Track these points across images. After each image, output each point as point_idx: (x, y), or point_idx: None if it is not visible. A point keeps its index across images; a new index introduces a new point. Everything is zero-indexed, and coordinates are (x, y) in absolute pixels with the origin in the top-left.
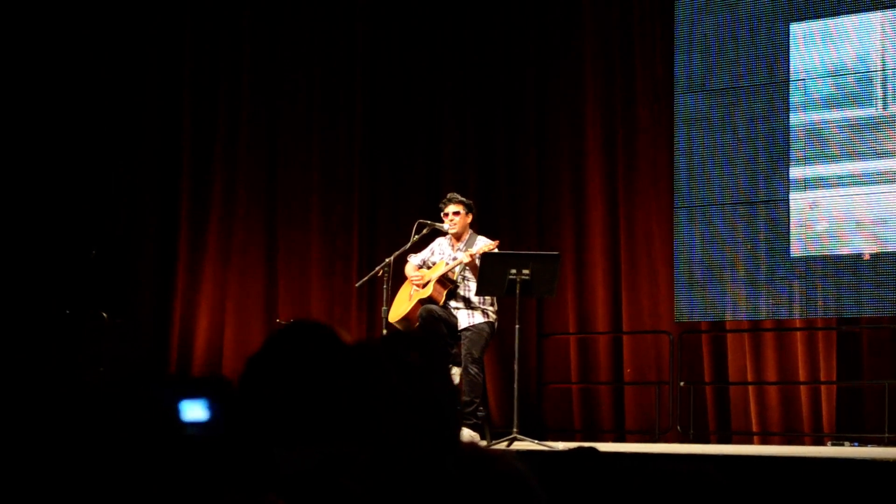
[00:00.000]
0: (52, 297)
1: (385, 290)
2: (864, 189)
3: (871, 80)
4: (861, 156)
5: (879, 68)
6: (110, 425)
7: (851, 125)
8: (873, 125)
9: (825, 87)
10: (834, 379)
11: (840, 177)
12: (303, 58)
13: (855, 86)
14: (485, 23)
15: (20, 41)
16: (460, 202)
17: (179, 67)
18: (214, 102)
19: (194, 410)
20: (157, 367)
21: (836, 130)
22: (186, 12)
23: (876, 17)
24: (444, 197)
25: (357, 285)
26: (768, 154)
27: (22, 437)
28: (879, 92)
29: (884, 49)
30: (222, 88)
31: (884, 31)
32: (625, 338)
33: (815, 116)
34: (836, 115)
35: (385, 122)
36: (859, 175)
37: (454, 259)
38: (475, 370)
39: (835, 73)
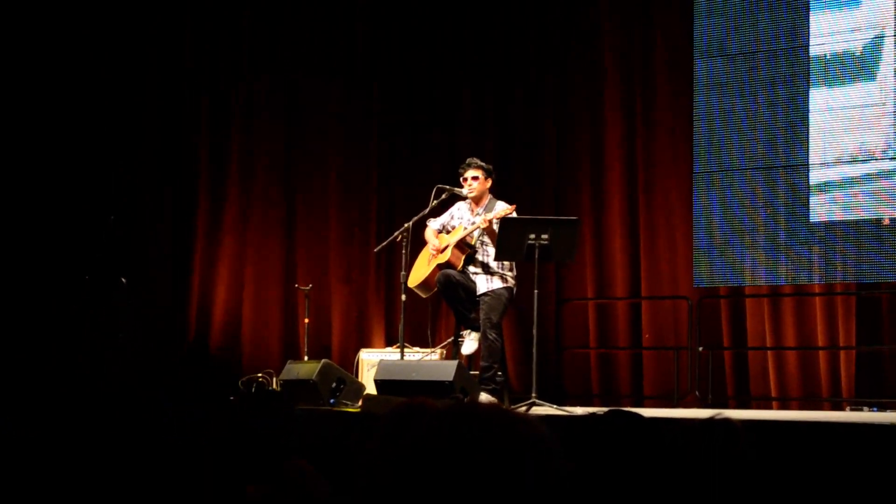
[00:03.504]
0: (71, 262)
1: (404, 255)
2: (885, 153)
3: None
4: (880, 121)
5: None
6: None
7: (869, 92)
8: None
9: (843, 53)
10: (853, 344)
11: (861, 142)
12: (321, 24)
13: (871, 51)
14: None
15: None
16: (479, 167)
17: (198, 43)
18: (233, 72)
19: None
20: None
21: (854, 97)
22: None
23: None
24: (464, 162)
25: (375, 251)
26: (788, 119)
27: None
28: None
29: None
30: (241, 58)
31: None
32: (643, 303)
33: (835, 82)
34: (854, 81)
35: (403, 88)
36: (880, 141)
37: (472, 224)
38: (493, 335)
39: (852, 40)
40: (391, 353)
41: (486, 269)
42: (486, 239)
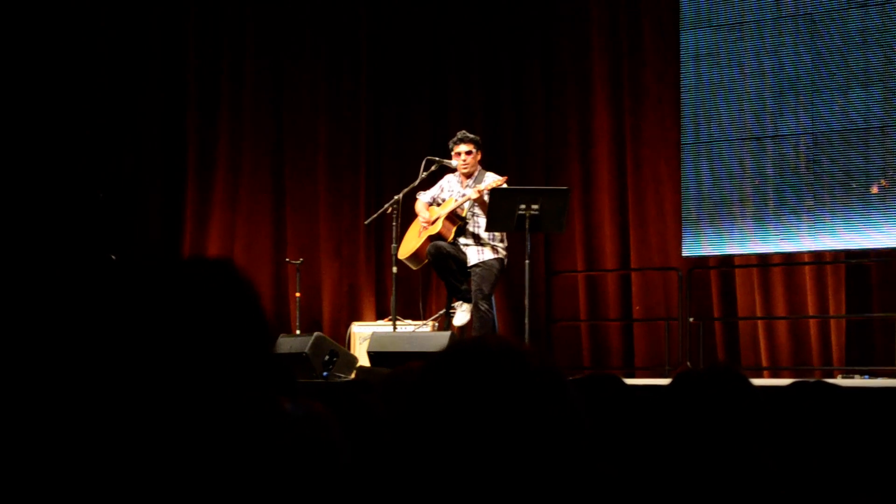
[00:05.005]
0: (60, 239)
1: (394, 228)
2: (872, 123)
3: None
4: (869, 92)
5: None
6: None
7: (858, 61)
8: (883, 60)
9: (833, 22)
10: (843, 312)
11: (846, 112)
12: (306, 1)
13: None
14: None
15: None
16: (471, 141)
17: (184, 17)
18: (220, 47)
19: None
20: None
21: (842, 66)
22: None
23: None
24: (454, 136)
25: (366, 223)
26: (776, 89)
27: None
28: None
29: None
30: (227, 34)
31: None
32: (633, 275)
33: (822, 51)
34: (843, 50)
35: (390, 61)
36: (866, 110)
37: (463, 195)
38: (486, 307)
39: (840, 8)
40: (383, 326)
41: (477, 240)
42: (477, 210)
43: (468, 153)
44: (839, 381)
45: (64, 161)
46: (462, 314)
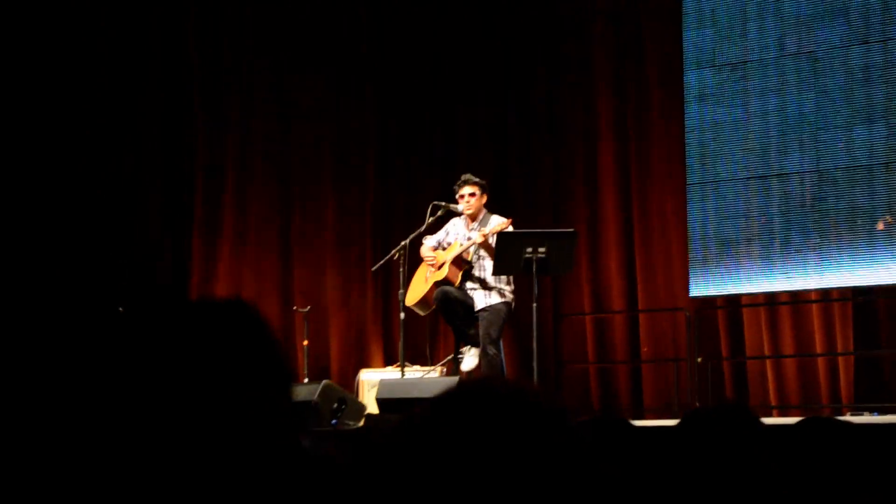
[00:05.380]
0: (71, 295)
1: (401, 274)
2: (876, 160)
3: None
4: (873, 129)
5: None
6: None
7: (861, 99)
8: (886, 97)
9: (835, 60)
10: (851, 349)
11: (850, 149)
12: (314, 43)
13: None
14: (494, 2)
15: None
16: (475, 183)
17: (186, 55)
18: (225, 95)
19: None
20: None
21: (846, 104)
22: None
23: None
24: (459, 178)
25: (373, 269)
26: (780, 127)
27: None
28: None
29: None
30: (233, 76)
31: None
32: (641, 316)
33: (825, 89)
34: (846, 88)
35: (398, 106)
36: (870, 147)
37: (469, 239)
38: (493, 351)
39: (842, 46)
40: (391, 373)
41: (484, 284)
42: (483, 254)
43: (472, 195)
44: (848, 417)
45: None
46: (470, 359)
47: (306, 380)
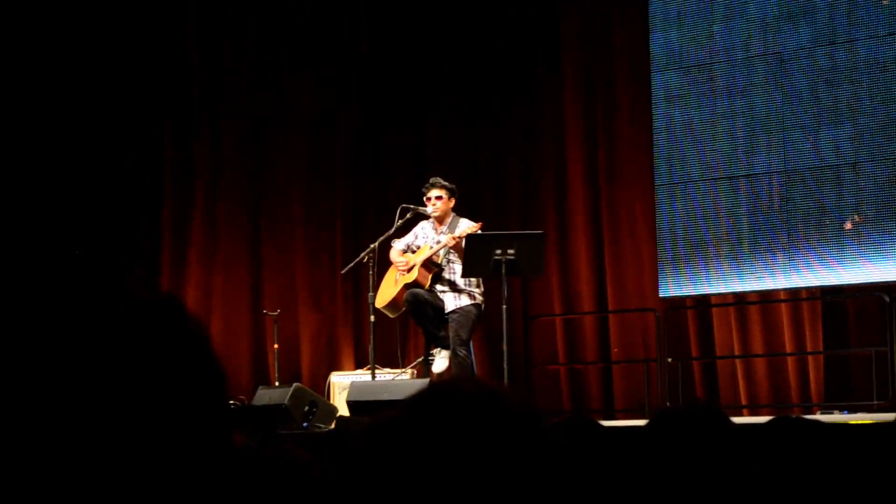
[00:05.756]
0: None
1: (371, 276)
2: (843, 160)
3: (848, 51)
4: (840, 129)
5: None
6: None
7: (827, 99)
8: (852, 98)
9: (802, 61)
10: (820, 349)
11: (817, 149)
12: (288, 52)
13: (831, 58)
14: (463, 5)
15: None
16: (443, 186)
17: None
18: (197, 99)
19: None
20: None
21: (812, 105)
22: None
23: None
24: (427, 181)
25: (343, 272)
26: (747, 128)
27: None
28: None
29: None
30: (205, 82)
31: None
32: (611, 317)
33: (792, 90)
34: (812, 88)
35: (368, 110)
36: (837, 147)
37: (438, 242)
38: (464, 353)
39: (808, 47)
40: (362, 375)
41: (454, 286)
42: (453, 257)
43: (438, 198)
44: (819, 416)
45: (42, 220)
46: (441, 361)
47: (277, 383)
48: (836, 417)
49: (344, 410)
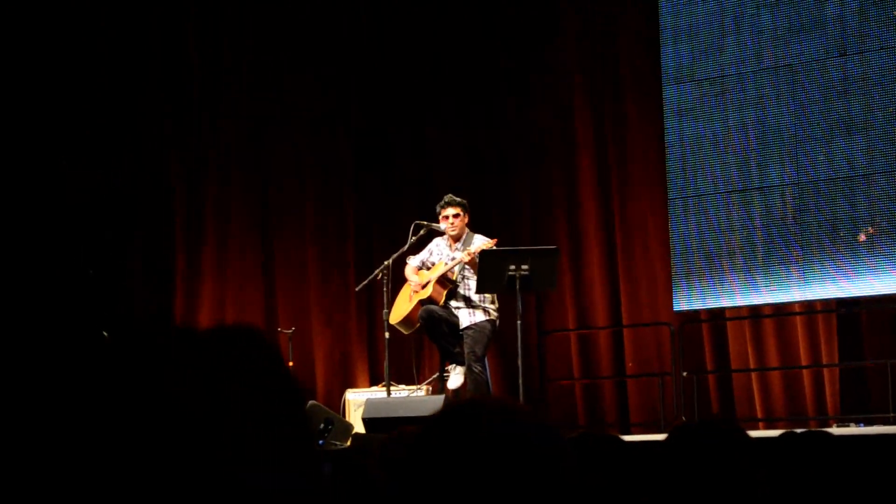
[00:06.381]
0: (48, 316)
1: (385, 293)
2: (856, 171)
3: (858, 62)
4: (852, 140)
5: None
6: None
7: (840, 110)
8: (864, 109)
9: (813, 73)
10: (836, 361)
11: (830, 161)
12: (292, 65)
13: (841, 69)
14: (469, 22)
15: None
16: (458, 204)
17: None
18: (206, 118)
19: None
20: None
21: (825, 116)
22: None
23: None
24: (441, 199)
25: (357, 289)
26: (760, 141)
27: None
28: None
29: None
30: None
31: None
32: (625, 331)
33: (804, 101)
34: (825, 100)
35: (375, 126)
36: (850, 158)
37: (453, 259)
38: (479, 368)
39: (820, 58)
40: (377, 392)
41: (469, 302)
42: (468, 273)
43: (455, 216)
44: (834, 430)
45: (51, 241)
46: (456, 377)
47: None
48: (853, 430)
49: (359, 427)
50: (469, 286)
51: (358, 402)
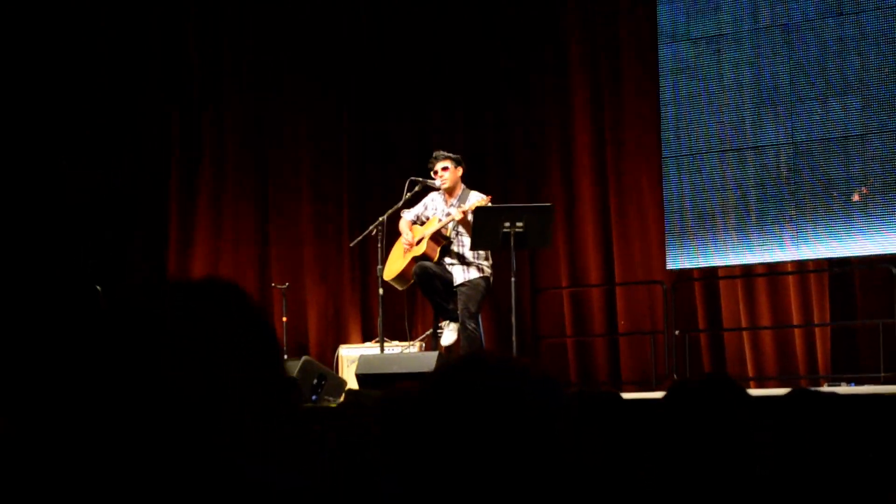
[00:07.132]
0: (45, 271)
1: (379, 249)
2: (851, 131)
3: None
4: (847, 101)
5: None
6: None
7: (835, 70)
8: (860, 69)
9: (809, 32)
10: (827, 321)
11: (825, 121)
12: (289, 25)
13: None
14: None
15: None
16: (447, 157)
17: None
18: (201, 77)
19: None
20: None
21: (820, 76)
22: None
23: None
24: (431, 155)
25: (351, 245)
26: (755, 100)
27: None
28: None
29: None
30: (207, 56)
31: None
32: (618, 289)
33: (800, 61)
34: (820, 60)
35: (371, 83)
36: (845, 118)
37: (447, 215)
38: (472, 325)
39: (816, 18)
40: (370, 348)
41: (462, 259)
42: (462, 230)
43: (444, 169)
44: (825, 389)
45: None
46: (449, 334)
47: (285, 356)
48: (844, 389)
49: (353, 383)
50: (463, 243)
51: (351, 358)
